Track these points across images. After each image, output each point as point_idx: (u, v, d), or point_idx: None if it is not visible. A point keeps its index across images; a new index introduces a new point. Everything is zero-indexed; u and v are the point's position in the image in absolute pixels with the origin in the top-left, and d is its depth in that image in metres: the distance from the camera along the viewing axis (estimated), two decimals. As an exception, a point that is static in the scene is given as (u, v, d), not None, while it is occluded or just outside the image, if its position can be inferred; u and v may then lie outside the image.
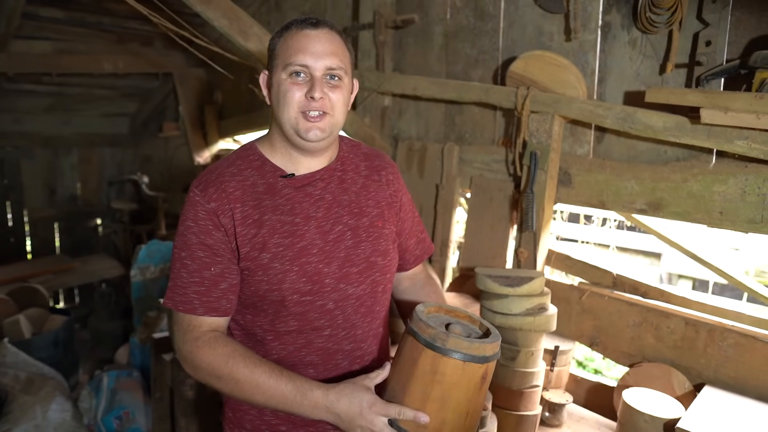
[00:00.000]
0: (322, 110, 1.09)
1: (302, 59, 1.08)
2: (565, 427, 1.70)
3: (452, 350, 0.94)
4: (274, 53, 1.13)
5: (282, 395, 1.04)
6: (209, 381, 1.10)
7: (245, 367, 1.06)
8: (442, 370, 0.95)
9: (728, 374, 1.61)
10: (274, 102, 1.13)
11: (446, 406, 0.97)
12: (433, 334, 0.97)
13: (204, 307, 1.10)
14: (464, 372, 0.96)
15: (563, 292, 1.98)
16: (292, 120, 1.10)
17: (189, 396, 2.01)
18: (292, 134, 1.12)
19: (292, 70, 1.09)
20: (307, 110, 1.09)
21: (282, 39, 1.12)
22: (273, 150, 1.18)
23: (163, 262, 3.93)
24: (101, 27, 3.95)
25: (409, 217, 1.36)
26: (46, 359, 3.26)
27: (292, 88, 1.09)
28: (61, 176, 5.95)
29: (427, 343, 0.96)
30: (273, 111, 1.15)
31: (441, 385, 0.96)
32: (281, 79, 1.10)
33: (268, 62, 1.16)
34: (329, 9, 3.01)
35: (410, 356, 0.99)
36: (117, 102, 5.73)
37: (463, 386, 0.97)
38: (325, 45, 1.10)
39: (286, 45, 1.10)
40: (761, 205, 1.52)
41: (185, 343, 1.10)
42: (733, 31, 1.56)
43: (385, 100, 2.60)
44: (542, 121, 1.90)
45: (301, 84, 1.09)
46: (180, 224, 1.13)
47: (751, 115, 1.38)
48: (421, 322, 1.00)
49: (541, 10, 1.99)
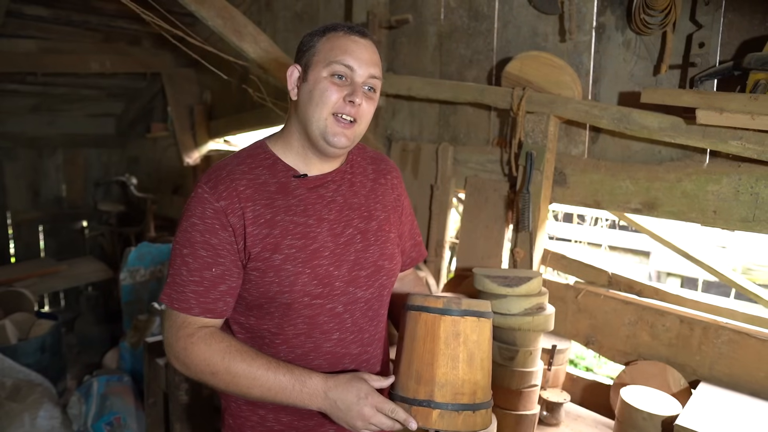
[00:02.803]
0: (354, 117, 1.09)
1: (349, 60, 1.07)
2: (563, 426, 1.71)
3: (467, 311, 1.04)
4: (314, 50, 1.11)
5: (280, 386, 1.04)
6: (203, 377, 1.08)
7: (242, 360, 1.05)
8: (464, 331, 1.03)
9: (722, 371, 1.63)
10: (305, 99, 1.10)
11: (474, 366, 1.03)
12: (446, 302, 1.05)
13: (200, 307, 1.08)
14: (481, 329, 1.05)
15: (559, 292, 1.99)
16: (321, 120, 1.08)
17: (184, 401, 1.99)
18: (317, 136, 1.10)
19: (336, 70, 1.07)
20: (341, 113, 1.08)
21: (325, 38, 1.10)
22: (286, 149, 1.16)
23: (153, 265, 3.88)
24: (88, 26, 3.89)
25: (408, 220, 1.37)
26: (33, 365, 3.20)
27: (331, 87, 1.07)
28: (46, 178, 5.86)
29: (444, 311, 1.04)
30: (299, 108, 1.13)
31: (466, 346, 1.03)
32: (320, 77, 1.08)
33: (301, 57, 1.13)
34: (321, 9, 2.99)
35: (426, 332, 1.04)
36: (103, 102, 5.66)
37: (483, 343, 1.06)
38: (371, 54, 1.10)
39: (330, 44, 1.09)
40: (754, 204, 1.54)
41: (178, 340, 1.08)
42: (726, 33, 1.58)
43: (379, 100, 2.59)
44: (538, 121, 1.91)
45: (341, 86, 1.08)
46: (184, 220, 1.10)
47: (745, 116, 1.40)
48: (429, 298, 1.07)
49: (536, 11, 2.00)
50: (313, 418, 1.18)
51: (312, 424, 1.19)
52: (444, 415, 1.00)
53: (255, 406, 1.19)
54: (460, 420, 1.00)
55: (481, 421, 1.02)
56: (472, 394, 1.02)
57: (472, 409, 1.01)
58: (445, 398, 1.01)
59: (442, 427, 1.00)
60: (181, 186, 5.07)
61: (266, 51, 2.19)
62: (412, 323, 1.07)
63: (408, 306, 1.09)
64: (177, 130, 4.47)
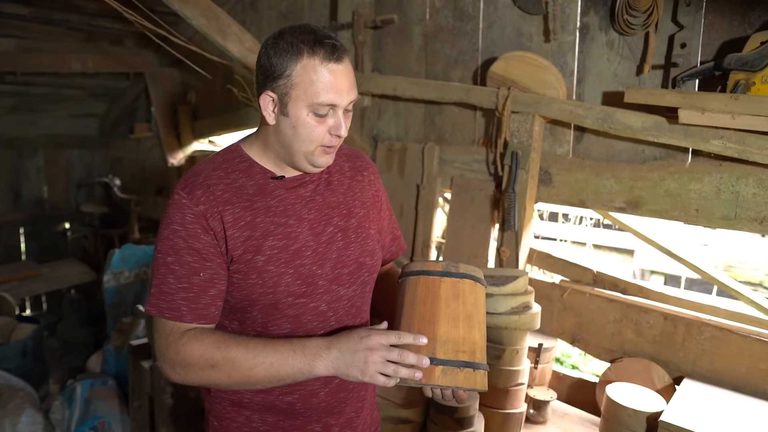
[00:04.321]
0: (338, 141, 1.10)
1: (332, 99, 1.03)
2: (549, 424, 1.73)
3: (465, 273, 1.08)
4: (290, 82, 1.03)
5: (282, 356, 1.02)
6: (203, 375, 1.06)
7: (237, 345, 1.04)
8: (463, 292, 1.07)
9: (705, 367, 1.65)
10: (288, 132, 1.07)
11: (473, 326, 1.06)
12: (445, 265, 1.08)
13: (192, 314, 1.07)
14: (477, 293, 1.09)
15: (545, 290, 2.00)
16: (308, 152, 1.08)
17: (169, 404, 1.97)
18: (303, 161, 1.10)
19: (320, 110, 1.04)
20: (329, 145, 1.08)
21: (300, 66, 1.02)
22: (263, 154, 1.15)
23: (138, 267, 3.83)
24: (69, 25, 3.82)
25: (387, 214, 1.37)
26: (14, 370, 3.14)
27: (317, 126, 1.05)
28: (26, 179, 5.75)
29: (444, 273, 1.07)
30: (279, 134, 1.09)
31: (465, 306, 1.06)
32: (302, 116, 1.04)
33: (274, 83, 1.04)
34: (306, 9, 2.98)
35: (427, 293, 1.07)
36: (85, 102, 5.57)
37: (479, 306, 1.09)
38: (350, 78, 1.06)
39: (309, 78, 1.02)
40: (735, 202, 1.57)
41: (170, 346, 1.06)
42: (707, 33, 1.61)
43: (365, 100, 2.59)
44: (523, 121, 1.92)
45: (325, 119, 1.06)
46: (164, 228, 1.08)
47: (726, 116, 1.43)
48: (428, 263, 1.11)
49: (520, 11, 2.02)
50: (299, 417, 1.17)
51: (298, 423, 1.18)
52: (446, 371, 1.02)
53: (240, 406, 1.18)
54: (461, 376, 1.02)
55: (480, 380, 1.04)
56: (471, 353, 1.04)
57: (472, 368, 1.03)
58: (447, 355, 1.02)
59: (445, 382, 1.01)
60: (166, 187, 5.01)
61: (251, 51, 2.18)
62: (412, 287, 1.09)
63: (406, 273, 1.12)
64: (161, 131, 4.42)
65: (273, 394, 1.15)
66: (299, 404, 1.16)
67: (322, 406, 1.18)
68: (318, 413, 1.18)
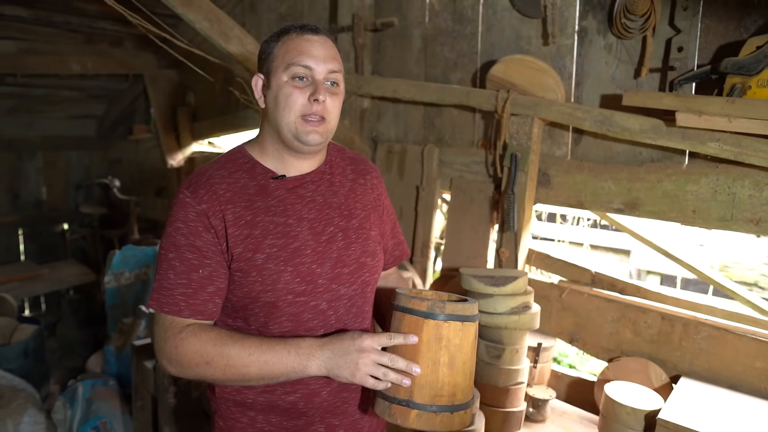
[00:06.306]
0: (321, 115, 1.10)
1: (306, 60, 1.09)
2: (549, 422, 1.75)
3: (451, 315, 1.03)
4: (271, 56, 1.12)
5: (276, 355, 1.05)
6: (198, 371, 1.08)
7: (234, 342, 1.07)
8: (447, 335, 1.03)
9: (702, 366, 1.68)
10: (272, 105, 1.12)
11: (455, 369, 1.04)
12: (430, 305, 1.04)
13: (190, 309, 1.09)
14: (464, 333, 1.05)
15: (543, 291, 2.03)
16: (291, 124, 1.10)
17: (172, 403, 1.98)
18: (291, 138, 1.12)
19: (295, 72, 1.09)
20: (308, 114, 1.09)
21: (280, 42, 1.12)
22: (263, 153, 1.18)
23: (138, 268, 3.84)
24: (69, 27, 3.83)
25: (390, 219, 1.39)
26: (15, 370, 3.15)
27: (294, 92, 1.09)
28: (25, 180, 5.75)
29: (428, 315, 1.03)
30: (268, 114, 1.15)
31: (448, 350, 1.03)
32: (282, 82, 1.10)
33: (262, 66, 1.15)
34: (306, 11, 3.00)
35: (409, 333, 1.05)
36: (84, 104, 5.57)
37: (465, 346, 1.05)
38: (327, 49, 1.12)
39: (285, 48, 1.10)
40: (731, 203, 1.59)
41: (168, 341, 1.09)
42: (704, 37, 1.63)
43: (364, 102, 2.61)
44: (522, 123, 1.94)
45: (303, 88, 1.10)
46: (168, 225, 1.12)
47: (723, 119, 1.45)
48: (414, 299, 1.07)
49: (519, 14, 2.04)
50: (302, 417, 1.19)
51: (301, 423, 1.20)
52: (422, 415, 1.02)
53: (244, 407, 1.20)
54: (437, 420, 1.02)
55: (459, 421, 1.04)
56: (451, 396, 1.03)
57: (450, 411, 1.02)
58: (423, 399, 1.02)
59: (420, 426, 1.02)
60: (165, 188, 5.02)
61: (252, 53, 2.19)
62: (396, 323, 1.08)
63: (394, 305, 1.11)
64: (160, 132, 4.43)
65: (276, 393, 1.17)
66: (302, 404, 1.18)
67: (325, 405, 1.19)
68: (321, 413, 1.20)
